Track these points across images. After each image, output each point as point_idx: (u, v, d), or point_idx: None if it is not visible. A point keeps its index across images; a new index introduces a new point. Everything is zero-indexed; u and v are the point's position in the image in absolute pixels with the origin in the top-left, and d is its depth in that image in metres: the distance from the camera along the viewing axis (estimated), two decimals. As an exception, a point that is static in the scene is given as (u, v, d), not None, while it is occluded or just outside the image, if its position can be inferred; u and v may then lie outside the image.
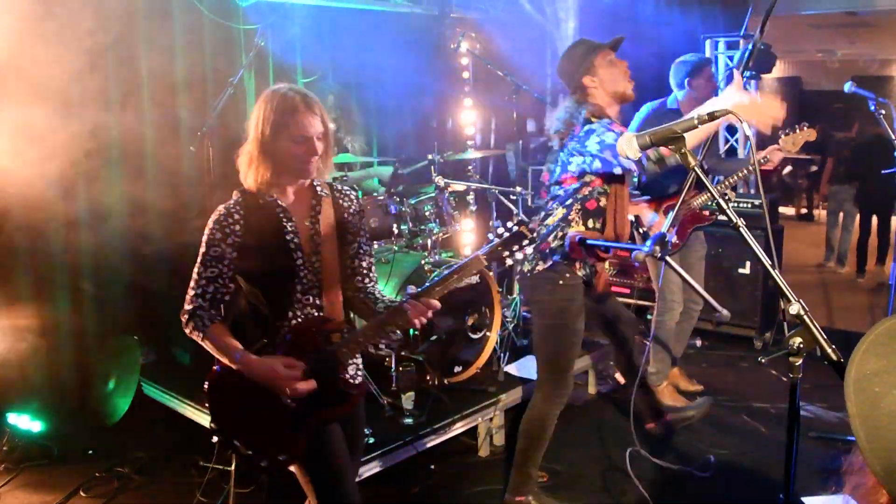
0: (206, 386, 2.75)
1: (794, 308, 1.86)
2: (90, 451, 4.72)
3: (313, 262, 2.76)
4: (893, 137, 4.53)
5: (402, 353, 5.04)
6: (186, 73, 5.73)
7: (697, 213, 5.09)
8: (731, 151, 7.77)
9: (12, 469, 4.55)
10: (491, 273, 5.26)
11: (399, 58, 6.94)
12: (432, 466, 4.52)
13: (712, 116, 2.16)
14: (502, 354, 5.20)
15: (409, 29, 6.99)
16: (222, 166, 5.86)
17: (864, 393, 1.23)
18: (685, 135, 2.16)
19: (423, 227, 5.28)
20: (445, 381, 4.92)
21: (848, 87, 4.79)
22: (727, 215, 2.06)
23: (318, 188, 2.86)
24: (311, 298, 2.76)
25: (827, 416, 5.05)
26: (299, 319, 2.73)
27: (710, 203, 4.95)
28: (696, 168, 2.11)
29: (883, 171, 4.99)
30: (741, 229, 2.02)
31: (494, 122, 7.87)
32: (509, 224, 2.60)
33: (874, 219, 9.39)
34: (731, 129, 7.75)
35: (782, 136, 4.73)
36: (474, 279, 4.83)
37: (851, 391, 1.24)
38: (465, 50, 6.89)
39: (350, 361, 2.83)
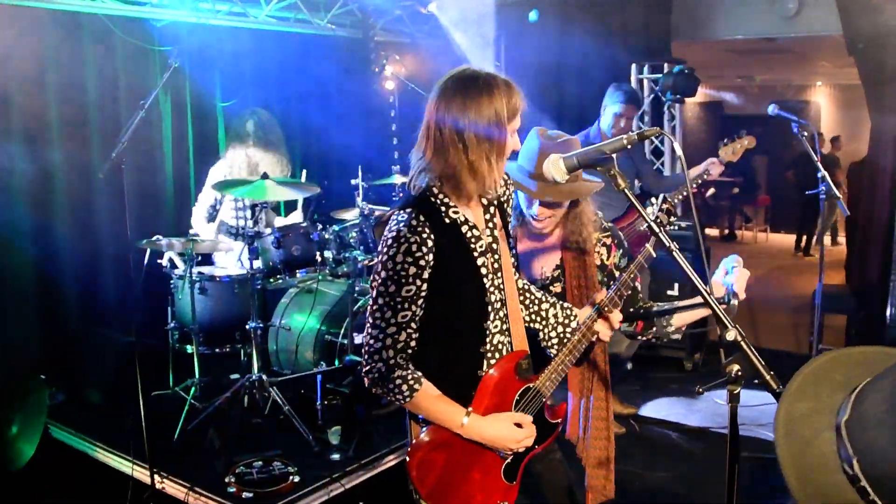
0: (410, 465, 2.32)
1: (731, 334, 1.79)
2: (-11, 501, 4.39)
3: (497, 279, 2.35)
4: (816, 158, 4.60)
5: (328, 386, 4.87)
6: (98, 96, 5.48)
7: (644, 235, 5.04)
8: (658, 174, 7.81)
9: None
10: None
11: (322, 81, 6.81)
12: (361, 503, 4.34)
13: (641, 136, 2.08)
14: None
15: (333, 52, 6.86)
16: (137, 192, 5.62)
17: (793, 436, 1.19)
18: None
19: (347, 254, 5.12)
20: (374, 414, 4.75)
21: (771, 109, 4.83)
22: (660, 239, 1.98)
23: None
24: (498, 324, 2.36)
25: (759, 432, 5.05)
26: (491, 354, 2.35)
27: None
28: (626, 190, 2.03)
29: (806, 192, 5.06)
30: (675, 253, 1.94)
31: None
32: (655, 205, 2.42)
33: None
34: (657, 152, 7.81)
35: (721, 147, 4.70)
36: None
37: (781, 436, 1.20)
38: (390, 73, 6.79)
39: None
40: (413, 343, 2.23)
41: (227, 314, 5.08)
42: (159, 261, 5.20)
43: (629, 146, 2.08)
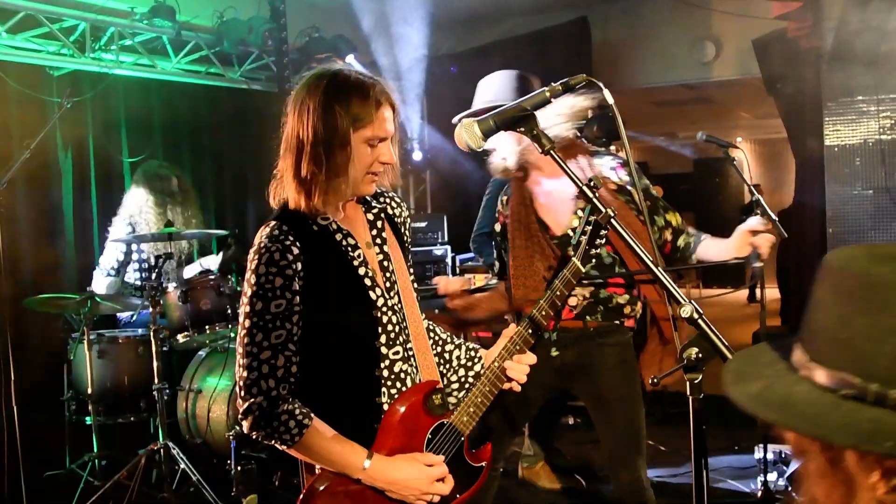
0: None
1: (687, 310, 1.54)
2: None
3: (391, 299, 2.04)
4: (750, 184, 4.52)
5: (243, 452, 4.42)
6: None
7: None
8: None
9: None
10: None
11: (237, 134, 6.54)
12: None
13: (566, 85, 1.80)
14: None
15: (248, 105, 6.59)
16: (35, 252, 5.19)
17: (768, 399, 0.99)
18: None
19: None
20: (294, 481, 4.32)
21: (700, 135, 4.76)
22: (594, 204, 1.72)
23: (369, 198, 2.13)
24: (399, 350, 2.03)
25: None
26: (391, 383, 2.01)
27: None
28: (551, 151, 1.76)
29: (742, 217, 4.97)
30: (612, 221, 1.67)
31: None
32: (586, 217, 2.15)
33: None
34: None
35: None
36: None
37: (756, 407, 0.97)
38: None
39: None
40: (294, 369, 1.90)
41: (131, 379, 4.63)
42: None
43: (552, 98, 1.80)
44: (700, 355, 1.50)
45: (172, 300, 4.56)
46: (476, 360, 2.24)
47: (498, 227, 3.27)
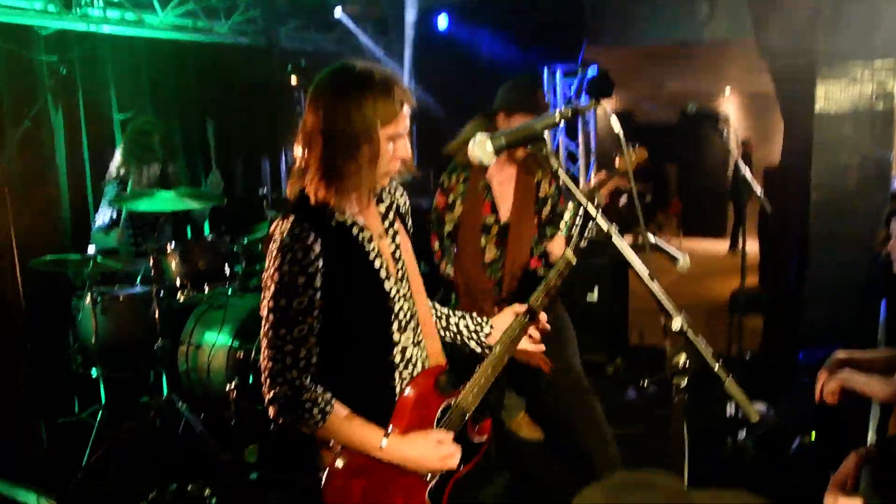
0: (324, 496, 2.06)
1: (677, 322, 1.69)
2: None
3: (403, 288, 2.17)
4: (737, 155, 4.66)
5: (242, 404, 4.60)
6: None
7: None
8: (573, 180, 7.83)
9: None
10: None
11: (225, 91, 6.59)
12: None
13: (576, 110, 1.94)
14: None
15: (236, 60, 6.62)
16: (29, 209, 5.26)
17: None
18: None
19: (257, 266, 4.89)
20: (290, 433, 4.50)
21: (690, 107, 4.85)
22: (598, 222, 1.85)
23: (380, 189, 2.22)
24: (410, 335, 2.18)
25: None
26: (403, 366, 2.16)
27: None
28: (560, 171, 1.90)
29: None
30: (614, 238, 1.82)
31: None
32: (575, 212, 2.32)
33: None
34: (572, 157, 7.81)
35: (617, 159, 4.68)
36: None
37: None
38: (296, 82, 6.60)
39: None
40: (315, 360, 2.04)
41: (133, 335, 4.78)
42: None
43: (562, 122, 1.94)
44: (687, 363, 1.68)
45: (172, 260, 4.69)
46: (484, 323, 2.43)
47: (448, 201, 3.78)
